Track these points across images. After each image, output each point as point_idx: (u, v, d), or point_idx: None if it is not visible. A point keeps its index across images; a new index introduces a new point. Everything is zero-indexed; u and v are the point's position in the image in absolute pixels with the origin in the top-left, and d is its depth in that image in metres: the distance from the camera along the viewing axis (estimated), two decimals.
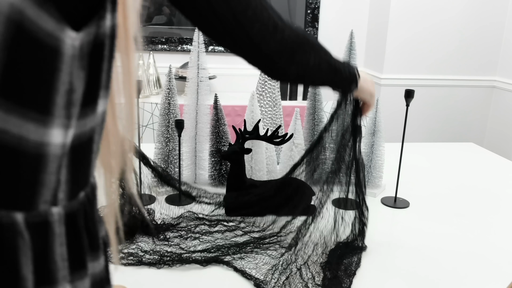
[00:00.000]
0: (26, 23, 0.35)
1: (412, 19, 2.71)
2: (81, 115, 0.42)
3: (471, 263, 1.00)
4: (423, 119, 2.91)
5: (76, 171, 0.44)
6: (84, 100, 0.42)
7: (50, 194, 0.41)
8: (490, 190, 1.42)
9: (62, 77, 0.39)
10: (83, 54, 0.40)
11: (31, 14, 0.35)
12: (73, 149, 0.42)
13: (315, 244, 0.99)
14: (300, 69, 0.68)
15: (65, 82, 0.39)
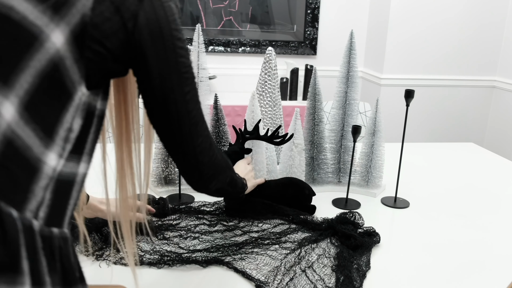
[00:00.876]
0: (61, 67, 0.47)
1: (412, 19, 2.71)
2: (69, 157, 0.52)
3: (471, 263, 1.00)
4: (423, 119, 2.91)
5: (55, 203, 0.50)
6: (73, 149, 0.52)
7: (35, 206, 0.47)
8: (490, 190, 1.42)
9: (67, 116, 0.50)
10: (83, 109, 0.52)
11: (68, 63, 0.48)
12: (57, 181, 0.50)
13: (319, 255, 0.99)
14: (219, 185, 0.79)
15: (68, 121, 0.50)
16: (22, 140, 0.45)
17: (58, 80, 0.47)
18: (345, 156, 1.37)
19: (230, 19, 2.83)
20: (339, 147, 1.37)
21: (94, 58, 0.51)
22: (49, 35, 0.45)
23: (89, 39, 0.49)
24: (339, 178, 1.38)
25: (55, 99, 0.48)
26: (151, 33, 0.55)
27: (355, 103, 1.34)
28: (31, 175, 0.47)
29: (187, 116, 0.65)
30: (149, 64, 0.57)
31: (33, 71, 0.45)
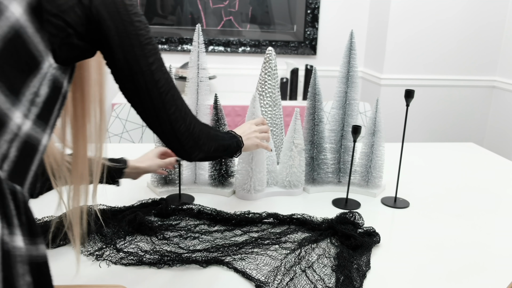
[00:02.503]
0: (23, 35, 0.53)
1: (412, 19, 2.71)
2: (36, 122, 0.57)
3: (472, 263, 1.00)
4: (423, 119, 2.91)
5: (19, 161, 0.56)
6: (40, 114, 0.58)
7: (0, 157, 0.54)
8: (490, 190, 1.42)
9: (34, 81, 0.56)
10: (50, 80, 0.58)
11: (29, 32, 0.54)
12: (24, 142, 0.56)
13: (319, 255, 0.99)
14: (202, 155, 0.86)
15: (35, 86, 0.56)
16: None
17: (22, 47, 0.54)
18: (345, 156, 1.37)
19: (230, 19, 2.83)
20: (339, 147, 1.37)
21: (55, 31, 0.57)
22: (8, 6, 0.52)
23: (46, 13, 0.55)
24: (339, 178, 1.38)
25: (22, 64, 0.54)
26: (106, 8, 0.60)
27: (355, 103, 1.34)
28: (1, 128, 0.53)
29: (155, 85, 0.69)
30: (110, 39, 0.62)
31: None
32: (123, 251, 0.96)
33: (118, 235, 1.02)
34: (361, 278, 0.90)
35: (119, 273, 0.90)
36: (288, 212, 1.15)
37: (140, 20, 0.65)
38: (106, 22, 0.61)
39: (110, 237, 1.01)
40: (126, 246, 0.99)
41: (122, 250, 0.97)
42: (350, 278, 0.89)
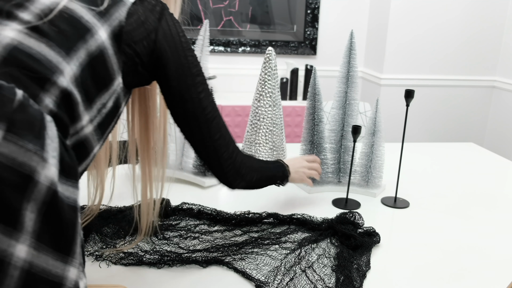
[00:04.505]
0: (105, 54, 0.65)
1: (413, 19, 2.71)
2: (96, 128, 0.67)
3: (472, 263, 1.00)
4: (423, 119, 2.91)
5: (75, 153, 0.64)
6: (100, 123, 0.67)
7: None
8: (490, 190, 1.42)
9: (106, 94, 0.67)
10: (116, 98, 0.69)
11: (110, 53, 0.65)
12: (82, 139, 0.65)
13: (319, 255, 0.99)
14: (244, 184, 0.93)
15: (105, 98, 0.67)
16: (74, 94, 0.61)
17: (103, 64, 0.64)
18: (345, 156, 1.36)
19: (230, 19, 2.83)
20: (339, 147, 1.36)
21: (127, 57, 0.68)
22: (97, 30, 0.64)
23: (123, 41, 0.67)
24: (339, 178, 1.38)
25: (100, 78, 0.65)
26: (167, 43, 0.72)
27: (355, 103, 1.34)
28: (72, 122, 0.62)
29: (202, 112, 0.79)
30: (168, 69, 0.73)
31: (85, 52, 0.62)
32: (123, 252, 0.96)
33: (118, 235, 1.02)
34: (361, 278, 0.90)
35: (119, 273, 0.90)
36: (288, 212, 1.15)
37: (193, 55, 0.77)
38: (166, 54, 0.72)
39: (110, 237, 1.01)
40: (126, 246, 0.99)
41: (122, 250, 0.97)
42: (350, 278, 0.89)
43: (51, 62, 0.58)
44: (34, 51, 0.57)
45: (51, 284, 0.53)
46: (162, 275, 0.91)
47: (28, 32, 0.58)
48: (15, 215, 0.49)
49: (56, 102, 0.58)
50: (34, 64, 0.57)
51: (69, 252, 0.55)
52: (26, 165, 0.50)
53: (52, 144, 0.54)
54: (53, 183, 0.52)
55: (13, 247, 0.49)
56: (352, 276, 0.90)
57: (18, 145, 0.50)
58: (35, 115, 0.53)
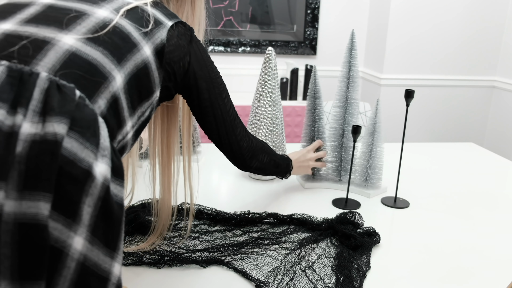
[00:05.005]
0: (149, 68, 0.71)
1: (413, 19, 2.71)
2: (134, 134, 0.74)
3: (471, 263, 1.00)
4: (423, 119, 2.91)
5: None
6: (137, 129, 0.74)
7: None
8: (490, 190, 1.42)
9: (146, 104, 0.73)
10: (151, 108, 0.76)
11: (153, 67, 0.72)
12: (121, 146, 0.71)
13: (319, 255, 0.99)
14: (258, 164, 1.04)
15: (145, 107, 0.74)
16: (122, 100, 0.66)
17: (147, 76, 0.71)
18: (345, 154, 1.37)
19: (230, 19, 2.83)
20: (340, 146, 1.37)
21: (167, 74, 0.75)
22: (143, 46, 0.70)
23: (165, 59, 0.74)
24: (340, 177, 1.39)
25: (143, 89, 0.71)
26: (199, 64, 0.82)
27: (356, 102, 1.34)
28: (118, 127, 0.67)
29: (227, 114, 0.90)
30: (199, 85, 0.83)
31: (133, 63, 0.68)
32: (123, 252, 0.96)
33: None
34: (361, 278, 0.90)
35: None
36: (288, 212, 1.15)
37: (215, 67, 0.88)
38: (198, 73, 0.82)
39: None
40: (126, 245, 0.99)
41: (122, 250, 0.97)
42: (350, 278, 0.89)
43: (105, 68, 0.63)
44: (90, 57, 0.62)
45: (100, 279, 0.55)
46: (162, 275, 0.91)
47: (85, 41, 0.63)
48: (74, 208, 0.52)
49: (106, 105, 0.63)
50: (91, 68, 0.61)
51: (115, 248, 0.58)
52: (85, 161, 0.54)
53: (104, 143, 0.58)
54: (106, 180, 0.56)
55: (72, 238, 0.52)
56: (352, 276, 0.90)
57: (79, 142, 0.54)
58: (91, 115, 0.57)
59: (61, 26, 0.63)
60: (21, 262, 0.50)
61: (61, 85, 0.56)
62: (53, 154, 0.51)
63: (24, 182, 0.50)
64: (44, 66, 0.57)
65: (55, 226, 0.51)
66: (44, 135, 0.52)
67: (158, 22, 0.74)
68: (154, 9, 0.75)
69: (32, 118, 0.52)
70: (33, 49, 0.59)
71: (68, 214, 0.52)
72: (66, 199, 0.52)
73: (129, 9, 0.72)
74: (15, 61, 0.57)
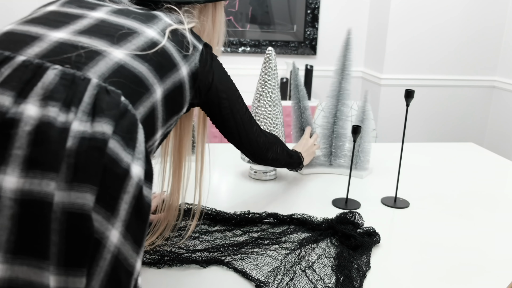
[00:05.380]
0: (184, 86, 0.76)
1: (413, 19, 2.71)
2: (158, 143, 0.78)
3: (472, 263, 1.00)
4: (423, 119, 2.91)
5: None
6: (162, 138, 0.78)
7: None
8: (490, 190, 1.42)
9: (174, 118, 0.78)
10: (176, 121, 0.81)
11: (187, 87, 0.77)
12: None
13: (319, 255, 0.99)
14: (273, 155, 1.10)
15: (173, 120, 0.79)
16: (158, 111, 0.71)
17: (180, 94, 0.76)
18: (336, 141, 1.50)
19: (230, 19, 2.83)
20: (331, 133, 1.49)
21: (196, 92, 0.80)
22: (181, 67, 0.76)
23: (199, 80, 0.79)
24: (330, 161, 1.51)
25: (176, 105, 0.76)
26: (220, 78, 0.87)
27: (348, 93, 1.47)
28: (151, 135, 0.71)
29: (245, 116, 0.96)
30: (221, 95, 0.88)
31: (172, 81, 0.74)
32: None
33: None
34: (361, 278, 0.90)
35: None
36: (288, 212, 1.15)
37: (229, 76, 0.91)
38: (219, 86, 0.87)
39: None
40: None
41: None
42: (350, 278, 0.89)
43: (149, 81, 0.69)
44: (137, 71, 0.67)
45: (127, 273, 0.59)
46: (162, 275, 0.91)
47: (133, 56, 0.68)
48: (114, 202, 0.57)
49: (146, 113, 0.68)
50: (136, 80, 0.67)
51: (140, 245, 0.61)
52: (124, 161, 0.58)
53: (140, 147, 0.62)
54: (140, 180, 0.60)
55: (110, 231, 0.56)
56: (352, 276, 0.90)
57: (120, 144, 0.59)
58: (133, 120, 0.63)
59: (112, 40, 0.68)
60: (67, 249, 0.54)
61: (109, 90, 0.61)
62: (100, 150, 0.56)
63: (73, 175, 0.54)
64: (95, 73, 0.62)
65: (97, 217, 0.54)
66: (92, 133, 0.56)
67: (195, 47, 0.80)
68: (189, 33, 0.80)
69: (82, 117, 0.57)
70: (85, 57, 0.63)
71: (109, 207, 0.56)
72: (108, 194, 0.56)
73: (172, 30, 0.77)
74: (68, 66, 0.61)
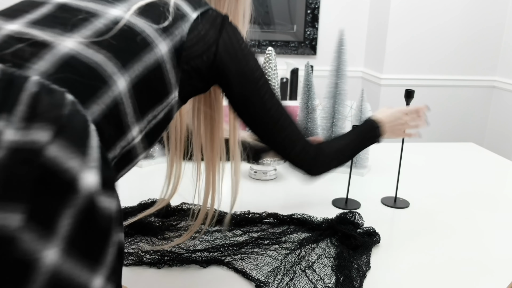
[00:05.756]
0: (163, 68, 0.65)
1: (413, 19, 2.71)
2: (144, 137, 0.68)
3: (472, 263, 1.00)
4: None
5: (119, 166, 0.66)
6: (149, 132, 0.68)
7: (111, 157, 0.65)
8: (490, 190, 1.42)
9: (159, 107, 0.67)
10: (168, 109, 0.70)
11: (168, 67, 0.66)
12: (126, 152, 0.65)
13: (319, 255, 0.99)
14: (326, 170, 0.95)
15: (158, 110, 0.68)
16: (125, 105, 0.61)
17: (160, 78, 0.65)
18: None
19: None
20: (330, 134, 1.50)
21: (186, 73, 0.69)
22: (158, 44, 0.65)
23: (183, 57, 0.68)
24: None
25: (155, 91, 0.65)
26: (229, 54, 0.72)
27: (345, 93, 1.47)
28: (119, 134, 0.62)
29: (267, 114, 0.80)
30: (230, 78, 0.74)
31: (143, 65, 0.63)
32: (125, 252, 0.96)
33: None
34: (361, 278, 0.90)
35: None
36: (288, 212, 1.15)
37: (254, 59, 0.77)
38: (227, 65, 0.73)
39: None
40: (126, 246, 0.99)
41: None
42: (350, 278, 0.89)
43: (106, 71, 0.59)
44: (91, 61, 0.58)
45: None
46: (162, 275, 0.91)
47: (88, 44, 0.59)
48: (51, 218, 0.49)
49: (104, 112, 0.58)
50: (89, 72, 0.58)
51: (98, 261, 0.54)
52: (69, 172, 0.50)
53: (93, 154, 0.53)
54: (92, 192, 0.52)
55: (44, 250, 0.49)
56: (352, 276, 0.90)
57: (64, 151, 0.50)
58: (82, 122, 0.53)
59: (65, 29, 0.60)
60: None
61: (52, 89, 0.52)
62: (31, 163, 0.48)
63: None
64: (37, 70, 0.54)
65: (27, 237, 0.47)
66: (24, 143, 0.48)
67: (181, 15, 0.68)
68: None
69: (17, 124, 0.49)
70: (30, 53, 0.56)
71: (44, 225, 0.49)
72: (43, 210, 0.49)
73: (148, 4, 0.66)
74: (9, 64, 0.53)
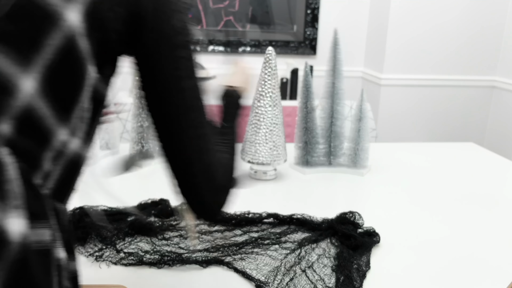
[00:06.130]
0: (75, 43, 0.50)
1: (413, 19, 2.71)
2: (82, 139, 0.55)
3: (472, 263, 1.00)
4: (423, 119, 2.91)
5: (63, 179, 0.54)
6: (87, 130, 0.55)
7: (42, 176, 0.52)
8: (490, 190, 1.42)
9: (82, 96, 0.53)
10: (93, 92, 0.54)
11: (81, 38, 0.50)
12: (70, 160, 0.54)
13: (319, 255, 0.99)
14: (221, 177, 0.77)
15: (83, 101, 0.53)
16: (40, 109, 0.48)
17: (74, 56, 0.50)
18: (334, 140, 1.53)
19: (230, 19, 2.83)
20: (329, 133, 1.51)
21: (99, 38, 0.53)
22: (63, 12, 0.49)
23: (94, 18, 0.51)
24: (330, 161, 1.53)
25: (72, 75, 0.51)
26: (162, 22, 0.56)
27: (342, 92, 1.49)
28: (43, 142, 0.49)
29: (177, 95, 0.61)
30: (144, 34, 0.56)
31: (51, 50, 0.48)
32: (123, 252, 0.96)
33: (118, 236, 1.02)
34: (361, 278, 0.91)
35: (119, 273, 0.90)
36: (288, 212, 1.15)
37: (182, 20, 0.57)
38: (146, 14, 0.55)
39: (110, 238, 1.01)
40: (126, 246, 0.99)
41: (122, 250, 0.97)
42: (350, 278, 0.89)
43: (4, 77, 0.46)
44: None
45: None
46: (162, 275, 0.91)
47: None
48: None
49: (15, 126, 0.46)
50: None
51: None
52: None
53: (14, 189, 0.43)
54: (22, 238, 0.43)
55: None
56: (352, 276, 0.90)
57: None
58: None
59: None
60: None
61: None
62: None
63: None
64: None
65: None
66: None
67: None
68: None
69: None
70: None
71: None
72: None
73: None
74: None
